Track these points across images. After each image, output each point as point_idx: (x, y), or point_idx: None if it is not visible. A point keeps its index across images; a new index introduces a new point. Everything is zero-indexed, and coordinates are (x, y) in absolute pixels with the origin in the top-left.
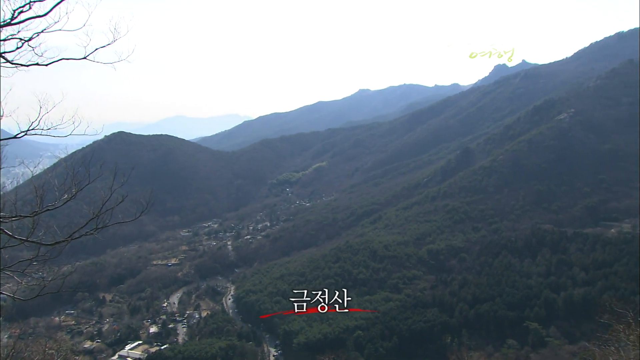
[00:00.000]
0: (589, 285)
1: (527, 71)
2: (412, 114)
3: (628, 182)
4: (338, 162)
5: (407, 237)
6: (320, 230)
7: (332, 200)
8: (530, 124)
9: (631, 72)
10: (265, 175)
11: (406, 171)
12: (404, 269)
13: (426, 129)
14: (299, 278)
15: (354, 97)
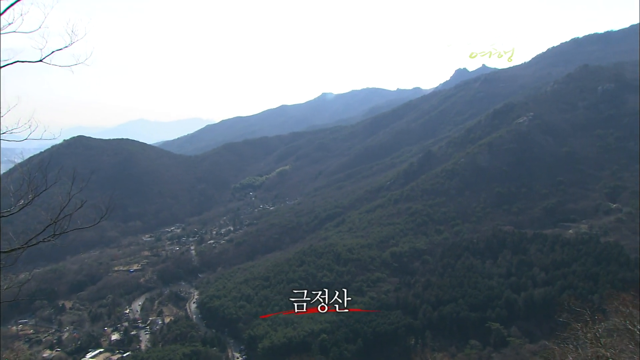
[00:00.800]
0: (548, 285)
1: (487, 75)
2: (374, 117)
3: (584, 184)
4: (302, 166)
5: (371, 240)
6: (284, 234)
7: (296, 203)
8: (491, 128)
9: (586, 77)
10: (228, 180)
11: (369, 174)
12: (367, 271)
13: (389, 133)
14: (263, 282)
15: (317, 101)
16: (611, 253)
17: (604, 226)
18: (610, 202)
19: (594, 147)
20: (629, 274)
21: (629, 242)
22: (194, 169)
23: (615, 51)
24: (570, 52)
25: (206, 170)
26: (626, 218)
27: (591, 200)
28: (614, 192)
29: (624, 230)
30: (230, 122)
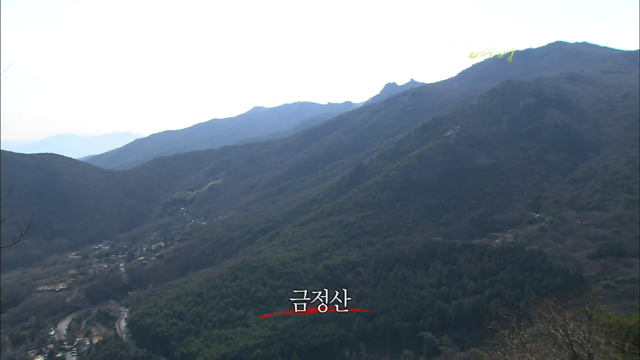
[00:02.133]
0: (477, 294)
1: (415, 90)
2: (306, 131)
3: (509, 194)
4: (234, 180)
5: (304, 253)
6: (216, 249)
7: (228, 218)
8: (420, 141)
9: (509, 92)
10: (158, 195)
11: (302, 188)
12: (301, 285)
13: (320, 146)
14: (195, 298)
15: (249, 115)
16: (535, 261)
17: (528, 235)
18: (533, 211)
19: (517, 159)
20: (552, 280)
21: (551, 249)
22: (123, 184)
23: (534, 67)
24: (493, 68)
25: (136, 186)
26: (548, 227)
27: (516, 210)
28: (537, 202)
29: (547, 239)
30: (160, 136)
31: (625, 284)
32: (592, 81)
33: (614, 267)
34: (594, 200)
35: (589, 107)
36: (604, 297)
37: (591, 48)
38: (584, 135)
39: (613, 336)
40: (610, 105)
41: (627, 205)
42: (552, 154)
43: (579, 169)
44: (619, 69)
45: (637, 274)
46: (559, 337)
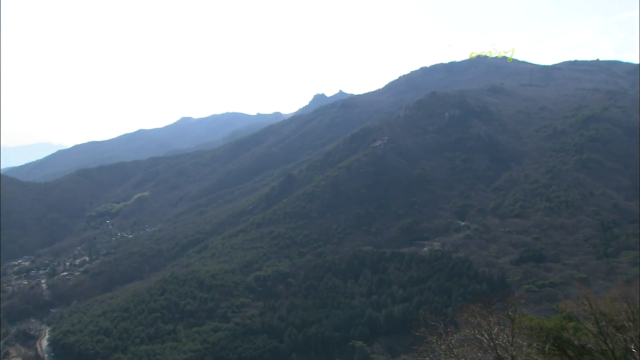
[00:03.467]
0: (406, 301)
1: (344, 101)
2: (236, 141)
3: (436, 203)
4: (162, 192)
5: (234, 265)
6: (144, 263)
7: (156, 230)
8: (349, 151)
9: (434, 103)
10: (83, 207)
11: (231, 199)
12: (232, 297)
13: (250, 157)
14: (122, 314)
15: (177, 125)
16: (462, 268)
17: (455, 243)
18: (459, 220)
19: (443, 169)
20: (477, 286)
21: (476, 256)
22: (45, 197)
23: (458, 79)
24: (419, 80)
25: (58, 198)
26: (473, 234)
27: (443, 218)
28: (463, 211)
29: (472, 246)
30: (84, 147)
31: (545, 287)
32: (512, 94)
33: (535, 272)
34: (515, 208)
35: (509, 118)
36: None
37: (511, 62)
38: (505, 145)
39: (534, 338)
40: (529, 117)
41: (546, 212)
42: (476, 163)
43: (502, 178)
44: (536, 82)
45: (556, 278)
46: (484, 341)
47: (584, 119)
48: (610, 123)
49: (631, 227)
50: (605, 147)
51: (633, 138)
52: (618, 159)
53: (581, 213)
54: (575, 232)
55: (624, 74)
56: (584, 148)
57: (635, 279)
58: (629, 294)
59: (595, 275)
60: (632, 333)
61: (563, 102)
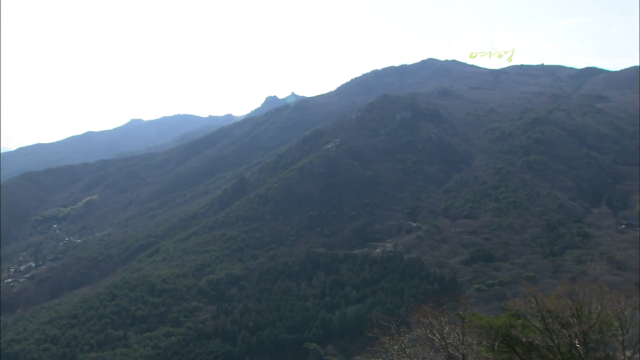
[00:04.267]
0: (360, 303)
1: (296, 103)
2: (187, 144)
3: (388, 205)
4: (111, 195)
5: (187, 268)
6: (93, 268)
7: (105, 235)
8: (301, 153)
9: (386, 106)
10: (28, 212)
11: (183, 202)
12: (184, 301)
13: (202, 159)
14: (71, 320)
15: (127, 127)
16: (414, 268)
17: (407, 244)
18: (411, 221)
19: (395, 171)
20: (429, 286)
21: (428, 257)
22: None
23: (409, 82)
24: (371, 82)
25: (2, 203)
26: (425, 235)
27: (395, 220)
28: (414, 212)
29: (424, 247)
30: (30, 150)
31: (495, 287)
32: (462, 96)
33: (484, 272)
34: (465, 209)
35: (459, 121)
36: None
37: (460, 65)
38: (455, 147)
39: (484, 336)
40: (478, 120)
41: (495, 213)
42: (428, 165)
43: (452, 180)
44: (484, 85)
45: (505, 277)
46: (435, 340)
47: (530, 122)
48: (555, 126)
49: (575, 226)
50: (551, 149)
51: (576, 140)
52: (562, 161)
53: (528, 213)
54: (523, 232)
55: (567, 78)
56: (530, 150)
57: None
58: (573, 292)
59: (542, 273)
60: (577, 329)
61: (510, 105)
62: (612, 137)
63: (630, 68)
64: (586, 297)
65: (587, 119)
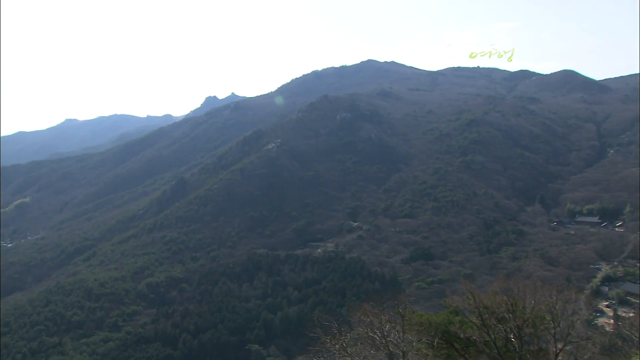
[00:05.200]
0: (302, 303)
1: (236, 103)
2: (124, 144)
3: (329, 205)
4: (44, 197)
5: (125, 272)
6: (26, 273)
7: (39, 238)
8: (242, 154)
9: (326, 106)
10: None
11: (121, 204)
12: (122, 305)
13: (140, 160)
14: (2, 329)
15: (61, 127)
16: (355, 268)
17: (348, 243)
18: (352, 221)
19: (336, 171)
20: (370, 285)
21: (369, 256)
22: None
23: (349, 83)
24: (311, 83)
25: None
26: (365, 235)
27: (336, 220)
28: (355, 212)
29: (365, 246)
30: None
31: (434, 284)
32: (401, 97)
33: (424, 270)
34: (405, 208)
35: (398, 121)
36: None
37: (399, 67)
38: (395, 148)
39: (424, 333)
40: (417, 120)
41: (433, 212)
42: (368, 165)
43: (392, 180)
44: (423, 87)
45: (444, 275)
46: (376, 339)
47: (467, 123)
48: (491, 126)
49: (510, 224)
50: (486, 149)
51: (510, 140)
52: (498, 161)
53: (466, 212)
54: (461, 230)
55: (501, 80)
56: (467, 150)
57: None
58: (508, 288)
59: (480, 270)
60: (512, 324)
61: (448, 106)
62: (544, 138)
63: (561, 71)
64: (520, 292)
65: (521, 120)
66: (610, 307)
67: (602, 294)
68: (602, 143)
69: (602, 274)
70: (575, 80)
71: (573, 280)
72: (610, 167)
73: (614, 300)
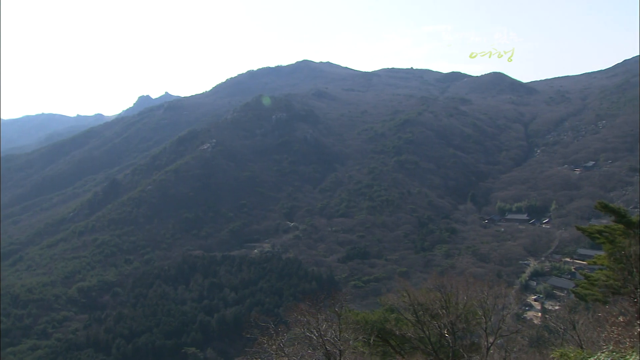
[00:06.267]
0: (239, 304)
1: (170, 103)
2: (53, 145)
3: (265, 205)
4: None
5: (54, 276)
6: None
7: None
8: (176, 154)
9: (262, 106)
10: None
11: (49, 206)
12: (52, 311)
13: (70, 161)
14: None
15: None
16: (292, 268)
17: (285, 243)
18: (288, 221)
19: (272, 171)
20: (307, 285)
21: (306, 256)
22: None
23: (284, 83)
24: (246, 83)
25: None
26: (302, 235)
27: (272, 220)
28: (291, 212)
29: (301, 246)
30: None
31: (370, 283)
32: (336, 98)
33: (360, 269)
34: (341, 208)
35: (333, 121)
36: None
37: (334, 68)
38: (330, 148)
39: (360, 332)
40: (352, 121)
41: (369, 211)
42: (303, 165)
43: (328, 179)
44: (358, 87)
45: (380, 273)
46: (313, 338)
47: (401, 123)
48: (424, 127)
49: (443, 222)
50: (420, 149)
51: (443, 140)
52: (431, 160)
53: (400, 211)
54: (396, 229)
55: (434, 81)
56: (401, 150)
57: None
58: (442, 284)
59: (414, 268)
60: (445, 320)
61: (382, 106)
62: (475, 138)
63: (490, 73)
64: (453, 289)
65: (453, 120)
66: (538, 301)
67: (530, 288)
68: (529, 143)
69: (531, 269)
70: (503, 82)
71: (503, 276)
72: (537, 166)
73: (542, 294)
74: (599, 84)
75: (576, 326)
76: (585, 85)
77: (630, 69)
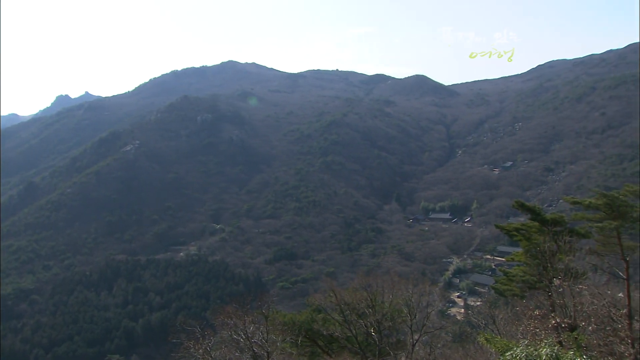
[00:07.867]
0: (164, 308)
1: (91, 103)
2: None
3: (191, 207)
4: None
5: None
6: None
7: None
8: (97, 156)
9: (187, 107)
10: None
11: None
12: None
13: None
14: None
15: None
16: (219, 270)
17: (211, 246)
18: (214, 223)
19: (197, 173)
20: (234, 287)
21: (232, 258)
22: None
23: (210, 84)
24: (170, 83)
25: None
26: (229, 237)
27: (198, 222)
28: (217, 214)
29: (228, 248)
30: None
31: (298, 284)
32: (262, 99)
33: (288, 270)
34: (268, 209)
35: (259, 123)
36: (280, 298)
37: (260, 69)
38: (257, 149)
39: (288, 333)
40: (278, 122)
41: (296, 212)
42: (229, 167)
43: (254, 181)
44: (284, 89)
45: (308, 274)
46: (241, 341)
47: (327, 124)
48: (349, 128)
49: (369, 223)
50: (346, 150)
51: (368, 142)
52: (356, 161)
53: (327, 211)
54: (323, 229)
55: (359, 83)
56: (327, 151)
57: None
58: (368, 284)
59: (341, 268)
60: (372, 318)
61: (308, 108)
62: (399, 139)
63: (413, 76)
64: (379, 288)
65: (377, 122)
66: (461, 297)
67: (454, 285)
68: (451, 144)
69: (454, 267)
70: (426, 84)
71: (428, 274)
72: (458, 166)
73: (464, 291)
74: (515, 88)
75: (496, 321)
76: (502, 88)
77: (544, 73)
